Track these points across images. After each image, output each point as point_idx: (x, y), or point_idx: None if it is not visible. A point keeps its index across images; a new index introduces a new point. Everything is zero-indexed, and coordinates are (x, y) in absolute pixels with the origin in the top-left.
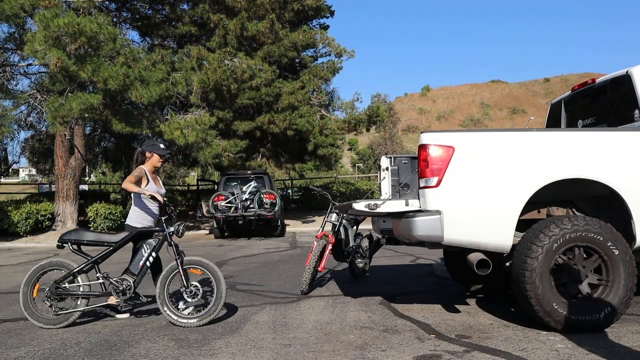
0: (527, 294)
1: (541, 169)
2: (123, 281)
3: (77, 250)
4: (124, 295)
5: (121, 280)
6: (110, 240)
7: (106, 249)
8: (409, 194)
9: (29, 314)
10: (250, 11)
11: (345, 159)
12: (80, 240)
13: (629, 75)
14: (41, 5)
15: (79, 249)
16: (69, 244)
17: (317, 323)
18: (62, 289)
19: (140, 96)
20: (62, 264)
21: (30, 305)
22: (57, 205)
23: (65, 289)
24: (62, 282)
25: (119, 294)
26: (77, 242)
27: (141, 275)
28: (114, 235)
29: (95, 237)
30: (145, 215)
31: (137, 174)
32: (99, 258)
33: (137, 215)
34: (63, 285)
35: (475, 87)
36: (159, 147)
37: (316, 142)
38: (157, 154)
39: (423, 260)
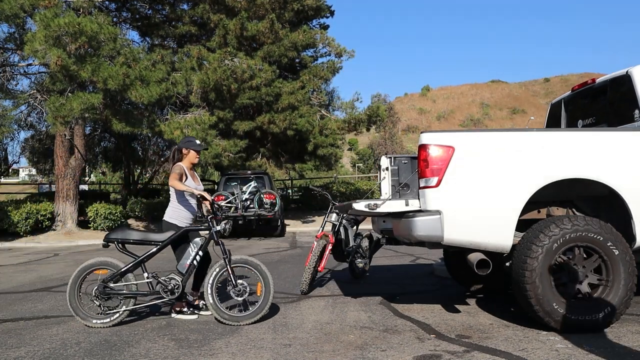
0: (527, 294)
1: (541, 169)
2: (171, 280)
3: (123, 248)
4: (172, 294)
5: (169, 279)
6: (157, 239)
7: (152, 248)
8: (409, 194)
9: (76, 313)
10: (250, 11)
11: (345, 159)
12: (126, 239)
13: (629, 75)
14: (41, 5)
15: (124, 248)
16: (115, 243)
17: (317, 323)
18: (110, 288)
19: (140, 96)
20: (109, 263)
21: (77, 303)
22: (57, 205)
23: (113, 289)
24: (110, 282)
25: (167, 293)
26: (123, 241)
27: (189, 274)
28: (160, 234)
29: (142, 236)
30: (184, 213)
31: (179, 171)
32: (145, 257)
33: (176, 213)
34: (110, 284)
35: (475, 87)
36: (195, 143)
37: (316, 142)
38: (193, 150)
39: (423, 260)
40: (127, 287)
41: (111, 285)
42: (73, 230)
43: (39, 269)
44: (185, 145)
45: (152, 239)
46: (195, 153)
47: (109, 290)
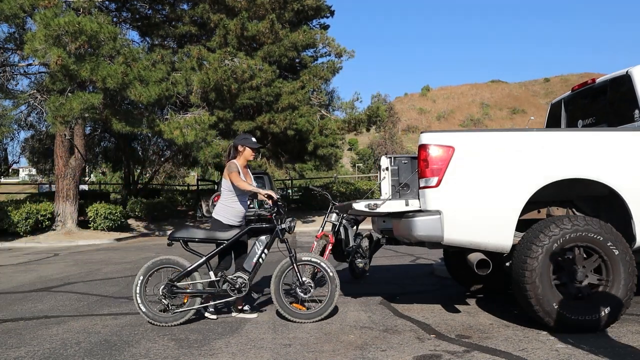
0: (527, 294)
1: (541, 169)
2: (238, 279)
3: (187, 247)
4: (240, 292)
5: (236, 278)
6: (223, 237)
7: (217, 247)
8: (409, 194)
9: (144, 312)
10: (250, 11)
11: (345, 159)
12: (191, 238)
13: (629, 75)
14: (41, 5)
15: (188, 246)
16: (180, 242)
17: (317, 323)
18: (177, 287)
19: (140, 95)
20: (175, 262)
21: (144, 302)
22: (57, 205)
23: (180, 288)
24: (177, 280)
25: (234, 291)
26: (188, 240)
27: (254, 272)
28: (225, 232)
29: (206, 235)
30: (233, 211)
31: (236, 170)
32: (211, 256)
33: (224, 210)
34: (177, 283)
35: (475, 87)
36: (251, 141)
37: (316, 142)
38: (249, 147)
39: (423, 260)
40: (194, 286)
41: (178, 284)
42: (73, 230)
43: (39, 269)
44: (241, 142)
45: (218, 237)
46: (251, 150)
47: (176, 289)
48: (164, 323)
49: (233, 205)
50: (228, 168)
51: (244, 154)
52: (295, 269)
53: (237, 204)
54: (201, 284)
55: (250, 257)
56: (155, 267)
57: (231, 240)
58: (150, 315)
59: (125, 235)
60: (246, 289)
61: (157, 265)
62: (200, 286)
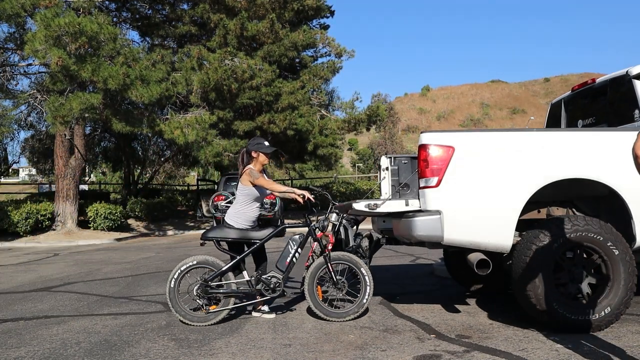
0: (527, 293)
1: (541, 169)
2: (272, 278)
3: (220, 247)
4: (274, 292)
5: (270, 277)
6: (256, 236)
7: (251, 246)
8: (409, 194)
9: (177, 312)
10: (250, 11)
11: (345, 159)
12: (225, 237)
13: (629, 75)
14: (42, 5)
15: (221, 246)
16: (213, 241)
17: (317, 323)
18: (211, 287)
19: (140, 95)
20: (209, 262)
21: (178, 303)
22: (57, 205)
23: (214, 287)
24: (211, 281)
25: (268, 291)
26: (221, 239)
27: (288, 271)
28: (259, 231)
29: (240, 235)
30: (245, 216)
31: (259, 175)
32: (245, 255)
33: (236, 216)
34: (211, 283)
35: (475, 87)
36: (265, 146)
37: (316, 142)
38: (262, 152)
39: (423, 260)
40: (228, 286)
41: (212, 284)
42: (73, 230)
43: (39, 269)
44: (255, 147)
45: (251, 236)
46: (265, 156)
47: (210, 289)
48: (197, 323)
49: (248, 211)
50: (250, 175)
51: (259, 160)
52: (329, 268)
53: (252, 209)
54: (235, 284)
55: (284, 256)
56: (189, 268)
57: (265, 239)
58: (183, 315)
59: (125, 235)
60: (280, 289)
61: (190, 266)
62: (234, 286)
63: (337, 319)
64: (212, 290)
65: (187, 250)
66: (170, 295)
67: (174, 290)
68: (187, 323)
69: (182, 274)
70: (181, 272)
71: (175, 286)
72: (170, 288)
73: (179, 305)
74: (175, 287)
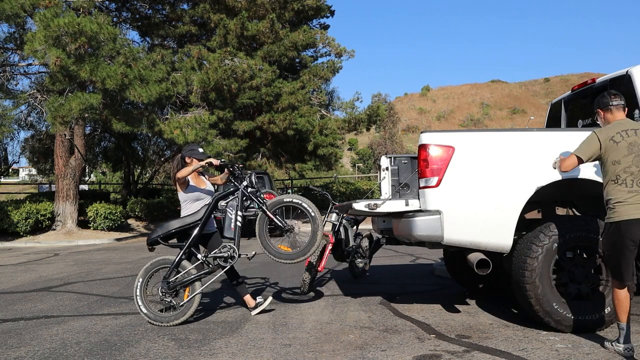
0: (527, 294)
1: (541, 169)
2: (223, 249)
3: (168, 244)
4: (232, 259)
5: (221, 249)
6: (195, 219)
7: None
8: (408, 193)
9: (153, 319)
10: (250, 11)
11: (345, 159)
12: (168, 231)
13: (629, 75)
14: (41, 5)
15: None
16: (159, 241)
17: (317, 323)
18: (173, 282)
19: (139, 95)
20: (166, 260)
21: (150, 310)
22: (57, 205)
23: (175, 281)
24: (169, 277)
25: (226, 261)
26: (166, 236)
27: (238, 235)
28: (194, 214)
29: (180, 223)
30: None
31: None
32: (191, 242)
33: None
34: (172, 279)
35: (475, 87)
36: (198, 152)
37: (316, 142)
38: (196, 158)
39: (423, 260)
40: (187, 274)
41: (171, 279)
42: (73, 230)
43: (39, 269)
44: (188, 154)
45: (190, 221)
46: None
47: (172, 284)
48: (176, 321)
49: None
50: (173, 178)
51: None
52: (269, 215)
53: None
54: (193, 269)
55: (227, 224)
56: (152, 269)
57: (203, 217)
58: (158, 320)
59: (125, 235)
60: (236, 254)
61: (154, 267)
62: (193, 272)
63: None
64: (174, 284)
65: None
66: (141, 305)
67: (143, 297)
68: (168, 325)
69: (147, 276)
70: (146, 275)
71: (144, 293)
72: (139, 297)
73: (153, 314)
74: (143, 294)
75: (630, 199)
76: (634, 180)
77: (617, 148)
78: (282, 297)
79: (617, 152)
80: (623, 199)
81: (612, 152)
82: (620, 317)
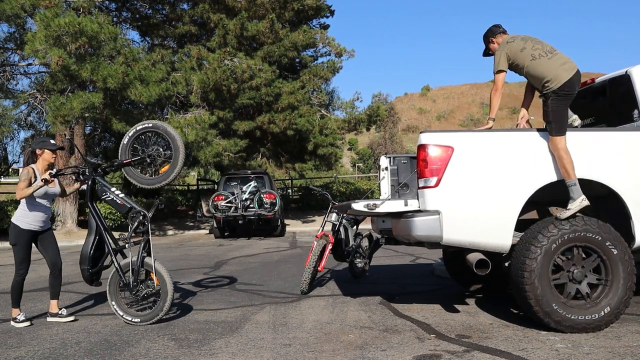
0: (526, 294)
1: (540, 169)
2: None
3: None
4: (145, 218)
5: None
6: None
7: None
8: (408, 193)
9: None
10: (250, 11)
11: (345, 158)
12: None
13: (628, 75)
14: (42, 5)
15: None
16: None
17: (317, 323)
18: (129, 283)
19: (140, 95)
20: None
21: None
22: (57, 205)
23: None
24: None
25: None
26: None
27: (128, 201)
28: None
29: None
30: (35, 216)
31: (25, 178)
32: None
33: (25, 216)
34: (126, 281)
35: (475, 87)
36: (50, 143)
37: (316, 142)
38: (48, 149)
39: (423, 260)
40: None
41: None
42: (73, 230)
43: (39, 269)
44: (39, 145)
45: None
46: (51, 152)
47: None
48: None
49: (29, 209)
50: (19, 176)
51: (43, 157)
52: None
53: (36, 207)
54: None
55: (116, 205)
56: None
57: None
58: (136, 319)
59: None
60: (142, 213)
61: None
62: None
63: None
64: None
65: (187, 249)
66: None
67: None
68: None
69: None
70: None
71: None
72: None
73: (131, 316)
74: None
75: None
76: (544, 50)
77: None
78: (282, 296)
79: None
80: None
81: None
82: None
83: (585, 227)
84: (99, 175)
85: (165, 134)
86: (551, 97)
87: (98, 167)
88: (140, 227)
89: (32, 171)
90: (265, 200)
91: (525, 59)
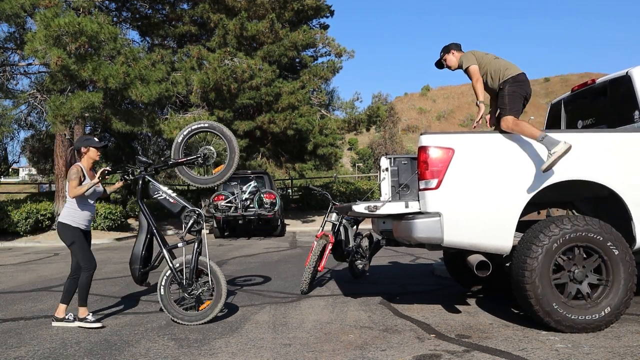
0: (526, 294)
1: (541, 170)
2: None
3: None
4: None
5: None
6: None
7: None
8: (408, 194)
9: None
10: (250, 11)
11: (345, 158)
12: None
13: (628, 75)
14: (41, 5)
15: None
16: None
17: (317, 323)
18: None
19: (140, 95)
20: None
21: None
22: (57, 204)
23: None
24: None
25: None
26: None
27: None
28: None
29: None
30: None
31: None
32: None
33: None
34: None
35: None
36: (94, 141)
37: (316, 142)
38: (93, 147)
39: (423, 260)
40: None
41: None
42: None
43: (39, 269)
44: (83, 144)
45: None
46: (96, 150)
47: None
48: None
49: (80, 208)
50: (68, 175)
51: (88, 154)
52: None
53: (86, 206)
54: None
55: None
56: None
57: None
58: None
59: (125, 235)
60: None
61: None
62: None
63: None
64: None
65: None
66: (164, 302)
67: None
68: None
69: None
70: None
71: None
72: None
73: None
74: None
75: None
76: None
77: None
78: (282, 296)
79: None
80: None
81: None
82: None
83: (587, 227)
84: (149, 175)
85: (221, 135)
86: (509, 82)
87: (149, 166)
88: (195, 225)
89: (80, 169)
90: (265, 200)
91: (490, 58)
